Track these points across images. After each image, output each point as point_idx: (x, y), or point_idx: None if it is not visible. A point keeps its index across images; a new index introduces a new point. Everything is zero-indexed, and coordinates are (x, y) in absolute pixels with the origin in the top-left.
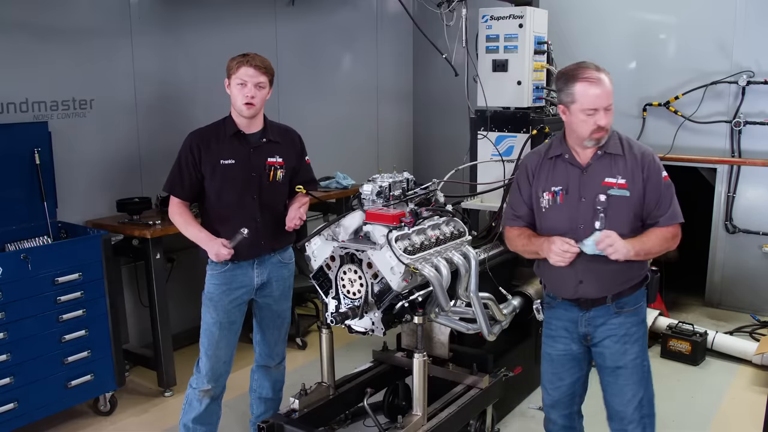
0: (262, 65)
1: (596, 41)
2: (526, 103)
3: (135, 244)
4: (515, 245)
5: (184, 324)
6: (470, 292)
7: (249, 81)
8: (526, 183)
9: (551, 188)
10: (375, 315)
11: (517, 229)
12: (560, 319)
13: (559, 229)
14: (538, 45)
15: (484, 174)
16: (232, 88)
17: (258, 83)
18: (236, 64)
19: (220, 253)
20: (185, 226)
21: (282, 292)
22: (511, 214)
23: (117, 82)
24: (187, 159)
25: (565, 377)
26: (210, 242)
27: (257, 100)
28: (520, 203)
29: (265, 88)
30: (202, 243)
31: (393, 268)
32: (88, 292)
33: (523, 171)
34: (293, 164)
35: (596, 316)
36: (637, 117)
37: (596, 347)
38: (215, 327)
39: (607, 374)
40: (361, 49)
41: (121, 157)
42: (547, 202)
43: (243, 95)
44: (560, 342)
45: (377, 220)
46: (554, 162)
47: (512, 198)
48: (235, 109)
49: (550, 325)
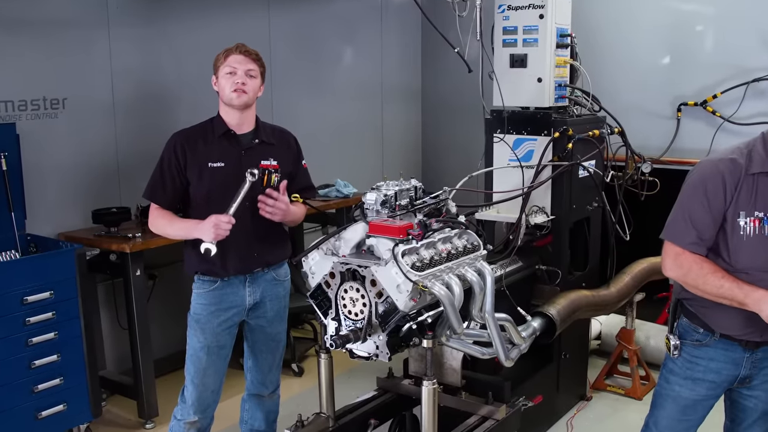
0: (252, 52)
1: (625, 34)
2: (548, 102)
3: (113, 260)
4: (693, 279)
5: (168, 348)
6: (485, 313)
7: (239, 68)
8: (721, 199)
9: (755, 213)
10: (379, 338)
11: (697, 258)
12: (715, 360)
13: (759, 267)
14: (561, 38)
15: (500, 181)
16: (219, 81)
17: (248, 70)
18: (224, 55)
19: (221, 225)
20: (170, 224)
21: (276, 312)
22: (694, 235)
23: (93, 79)
24: (170, 161)
25: (693, 424)
26: (202, 225)
27: (248, 87)
28: (707, 223)
29: (257, 78)
30: (194, 231)
31: (399, 285)
32: (60, 312)
33: (718, 181)
34: (289, 169)
35: (764, 357)
36: (670, 118)
37: (752, 390)
38: (202, 352)
39: (763, 421)
40: (364, 43)
41: (97, 163)
42: (750, 230)
43: (232, 82)
44: (704, 386)
45: (382, 233)
46: (756, 180)
47: (696, 214)
48: (224, 100)
49: (695, 366)
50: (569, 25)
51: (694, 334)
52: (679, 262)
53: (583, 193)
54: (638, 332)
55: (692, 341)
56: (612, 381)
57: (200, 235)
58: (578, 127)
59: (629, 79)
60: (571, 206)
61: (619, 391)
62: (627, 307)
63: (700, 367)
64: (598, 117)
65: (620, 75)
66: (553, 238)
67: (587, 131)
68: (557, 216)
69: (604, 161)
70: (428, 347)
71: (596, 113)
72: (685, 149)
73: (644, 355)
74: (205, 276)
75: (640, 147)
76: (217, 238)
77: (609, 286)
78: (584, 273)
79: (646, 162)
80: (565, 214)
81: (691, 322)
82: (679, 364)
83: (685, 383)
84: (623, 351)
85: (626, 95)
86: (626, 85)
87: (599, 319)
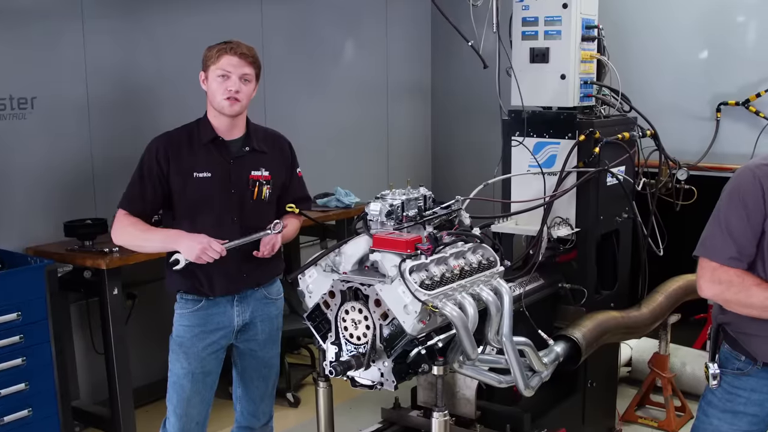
0: (249, 54)
1: (659, 25)
2: (572, 101)
3: (87, 277)
4: (734, 294)
5: (148, 376)
6: (503, 337)
7: (233, 72)
8: (761, 208)
9: None
10: (384, 364)
11: (738, 271)
12: (757, 391)
13: None
14: (587, 30)
15: (519, 190)
16: (209, 82)
17: (243, 75)
18: (216, 53)
19: (208, 252)
20: (143, 234)
21: (268, 335)
22: (734, 250)
23: (64, 77)
24: (150, 168)
25: None
26: (188, 238)
27: (242, 95)
28: (747, 236)
29: (252, 82)
30: (176, 241)
31: (407, 306)
32: (28, 336)
33: (756, 189)
34: (282, 179)
35: None
36: (708, 119)
37: None
38: (186, 379)
39: None
40: (368, 36)
41: (70, 169)
42: None
43: (224, 89)
44: (745, 419)
45: (387, 247)
46: None
47: (734, 226)
48: (214, 106)
49: (736, 398)
50: (596, 16)
51: (735, 363)
52: (717, 277)
53: (611, 202)
54: (673, 358)
55: (733, 370)
56: (644, 412)
57: (181, 248)
58: (606, 130)
59: (663, 75)
60: (598, 217)
61: (651, 423)
62: (660, 329)
63: (742, 399)
64: (629, 118)
65: (653, 71)
66: (578, 253)
67: (616, 134)
68: (583, 228)
69: (635, 167)
70: (439, 375)
71: (626, 114)
72: (725, 154)
73: (680, 384)
74: (189, 294)
75: (675, 151)
76: (199, 261)
77: (640, 307)
78: (613, 292)
79: (682, 168)
80: (592, 227)
81: (732, 350)
82: (718, 396)
83: (724, 416)
84: (656, 379)
85: (660, 94)
86: (660, 83)
87: (630, 344)
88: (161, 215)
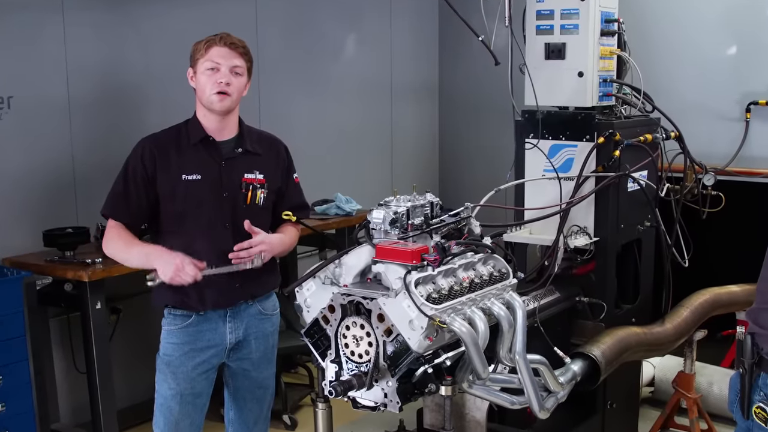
0: (240, 45)
1: (683, 19)
2: (590, 101)
3: (68, 290)
4: None
5: (133, 397)
6: (515, 354)
7: (222, 64)
8: None
9: None
10: (388, 384)
11: None
12: None
13: None
14: (606, 24)
15: (533, 196)
16: (198, 77)
17: (234, 67)
18: (205, 45)
19: (182, 268)
20: (126, 249)
21: (263, 353)
22: None
23: (44, 74)
24: (135, 172)
25: None
26: (164, 257)
27: (233, 88)
28: None
29: (243, 75)
30: (152, 260)
31: (412, 321)
32: (5, 353)
33: None
34: (278, 184)
35: None
36: (737, 120)
37: None
38: (174, 401)
39: None
40: (370, 30)
41: (49, 174)
42: None
43: (214, 81)
44: None
45: (391, 258)
46: None
47: None
48: (203, 103)
49: None
50: (616, 9)
51: None
52: None
53: (632, 210)
54: (699, 377)
55: None
56: None
57: (158, 267)
58: (627, 131)
59: (688, 73)
60: (619, 226)
61: None
62: (686, 346)
63: None
64: (651, 119)
65: (677, 68)
66: (596, 265)
67: (638, 136)
68: (602, 238)
69: (658, 172)
70: (447, 395)
71: (648, 114)
72: (755, 157)
73: (706, 405)
74: (177, 309)
75: (702, 155)
76: (174, 282)
77: (664, 322)
78: (634, 306)
79: (709, 173)
80: (612, 236)
81: None
82: None
83: None
84: (681, 400)
85: (685, 93)
86: (685, 81)
87: (652, 362)
88: (148, 223)
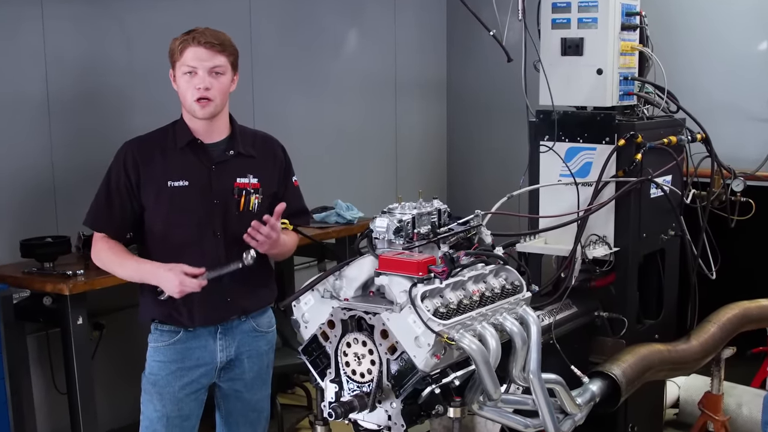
0: (216, 41)
1: (710, 13)
2: (610, 100)
3: (47, 304)
4: None
5: (117, 419)
6: (529, 373)
7: (198, 67)
8: None
9: None
10: (392, 406)
11: None
12: None
13: None
14: (628, 18)
15: (549, 203)
16: (178, 81)
17: (213, 68)
18: (179, 45)
19: (186, 282)
20: (119, 264)
21: (257, 373)
22: None
23: (20, 71)
24: (119, 179)
25: None
26: (164, 274)
27: (214, 92)
28: None
29: (225, 74)
30: (152, 279)
31: (418, 338)
32: None
33: None
34: (274, 188)
35: None
36: None
37: None
38: (160, 423)
39: None
40: (373, 24)
41: (27, 179)
42: None
43: (193, 87)
44: None
45: (396, 270)
46: None
47: None
48: (186, 109)
49: None
50: (638, 1)
51: None
52: None
53: (655, 218)
54: (727, 398)
55: None
56: None
57: (161, 285)
58: (650, 133)
59: (716, 70)
60: (641, 235)
61: None
62: (713, 365)
63: None
64: (676, 120)
65: (704, 66)
66: (616, 277)
67: (661, 138)
68: (622, 248)
69: (683, 177)
70: (456, 417)
71: (673, 115)
72: None
73: (735, 428)
74: (165, 325)
75: (730, 158)
76: (182, 295)
77: (689, 339)
78: (657, 321)
79: (738, 178)
80: (633, 246)
81: None
82: None
83: None
84: (708, 422)
85: (712, 91)
86: (712, 79)
87: (677, 381)
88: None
